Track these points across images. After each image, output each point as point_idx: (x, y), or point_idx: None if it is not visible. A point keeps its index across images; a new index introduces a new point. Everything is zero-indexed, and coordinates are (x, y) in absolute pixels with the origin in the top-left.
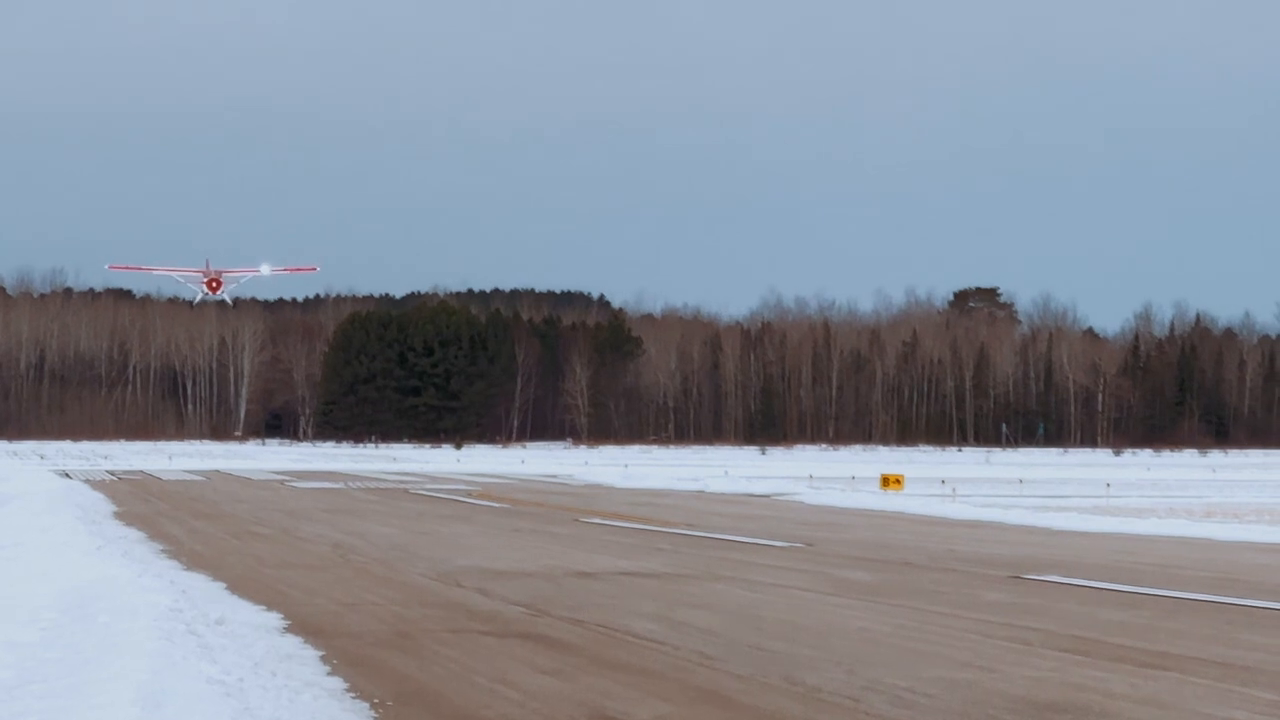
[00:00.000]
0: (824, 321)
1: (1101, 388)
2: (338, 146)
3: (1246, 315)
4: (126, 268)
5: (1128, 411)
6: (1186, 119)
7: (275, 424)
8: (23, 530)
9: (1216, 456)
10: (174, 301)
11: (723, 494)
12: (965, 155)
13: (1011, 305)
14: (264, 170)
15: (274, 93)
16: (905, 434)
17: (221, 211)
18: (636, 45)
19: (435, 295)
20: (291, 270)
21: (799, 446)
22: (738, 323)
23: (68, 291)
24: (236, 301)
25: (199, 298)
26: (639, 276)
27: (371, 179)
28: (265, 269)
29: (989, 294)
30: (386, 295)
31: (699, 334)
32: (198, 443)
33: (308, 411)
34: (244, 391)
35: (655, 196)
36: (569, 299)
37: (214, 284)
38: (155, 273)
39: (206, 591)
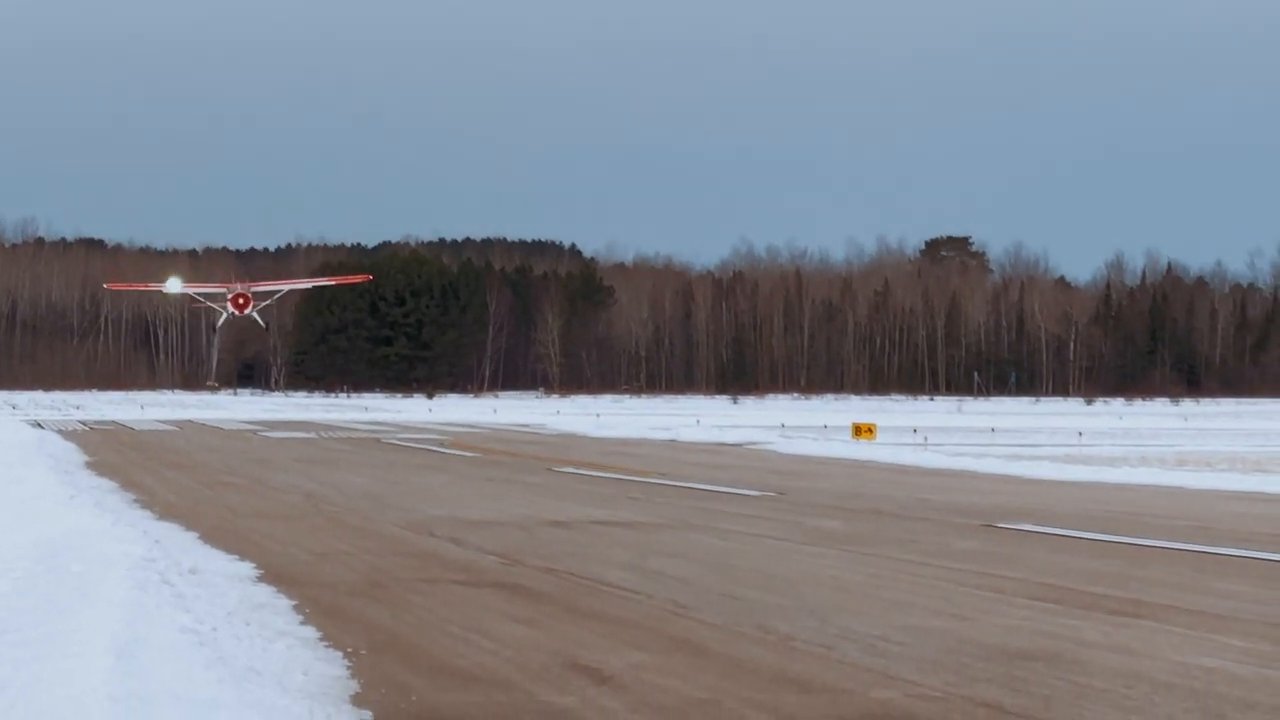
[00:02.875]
0: (796, 270)
1: (1073, 336)
2: (308, 95)
3: (1218, 264)
4: (127, 286)
5: (1099, 360)
6: (1158, 67)
7: (247, 374)
8: None
9: (1188, 405)
10: (146, 251)
11: (695, 443)
12: (937, 103)
13: (983, 254)
14: (239, 117)
15: (245, 33)
16: (877, 383)
17: (193, 165)
18: None
19: (407, 245)
20: (339, 281)
21: (771, 396)
22: (709, 272)
23: (39, 241)
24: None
25: (223, 319)
26: (611, 226)
27: (342, 128)
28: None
29: (961, 243)
30: (358, 245)
31: (671, 283)
32: (170, 393)
33: (279, 362)
34: (216, 341)
35: (626, 145)
36: (541, 248)
37: (241, 301)
38: (170, 293)
39: (179, 541)
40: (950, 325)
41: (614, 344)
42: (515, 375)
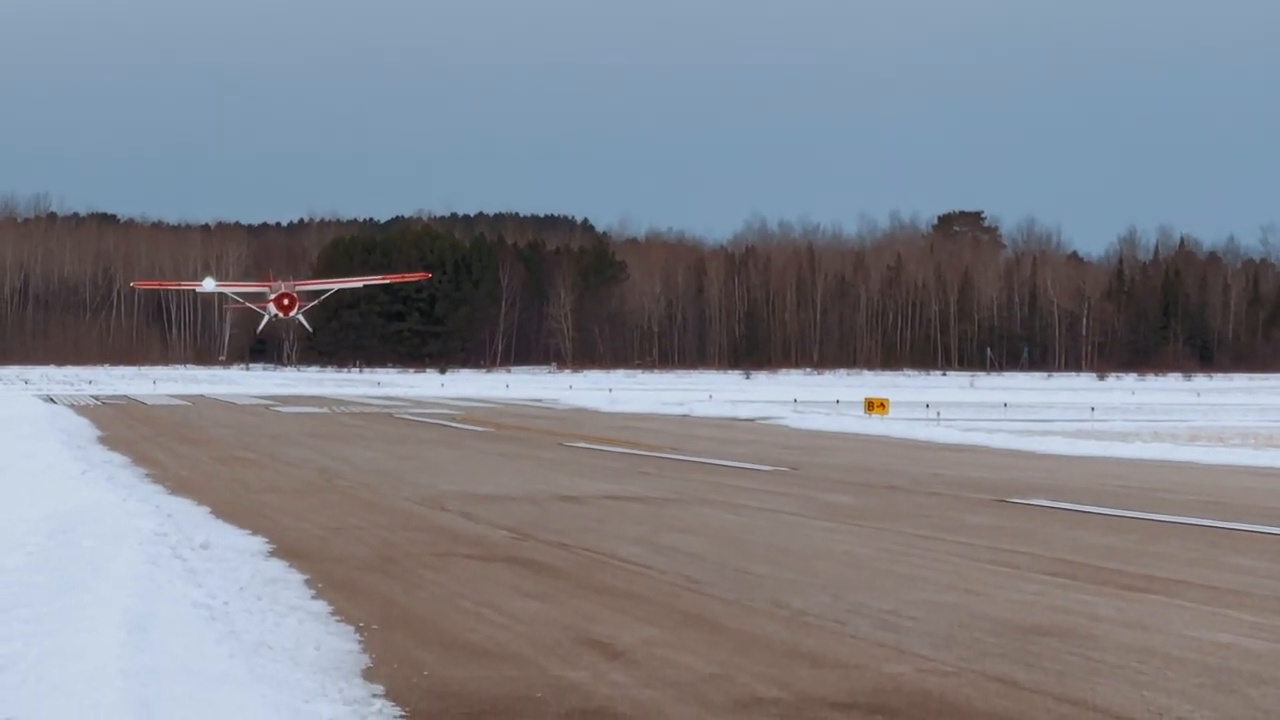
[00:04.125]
0: (808, 245)
1: (1086, 312)
2: (321, 70)
3: (1231, 239)
4: (157, 284)
5: (1112, 335)
6: (1171, 41)
7: (259, 349)
8: (7, 455)
9: (1201, 380)
10: (158, 226)
11: (707, 418)
12: (950, 78)
13: (996, 229)
14: (252, 92)
15: (258, 8)
16: (890, 358)
17: (206, 140)
18: None
19: (419, 219)
20: (395, 280)
21: (783, 371)
22: (722, 247)
23: (52, 216)
24: (220, 226)
25: (265, 321)
26: (623, 200)
27: (356, 104)
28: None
29: (973, 218)
30: (370, 219)
31: (683, 258)
32: (182, 368)
33: (292, 336)
34: (228, 316)
35: (639, 120)
36: (553, 223)
37: (286, 302)
38: (205, 292)
39: (191, 516)
40: (963, 300)
41: (626, 319)
42: (528, 350)
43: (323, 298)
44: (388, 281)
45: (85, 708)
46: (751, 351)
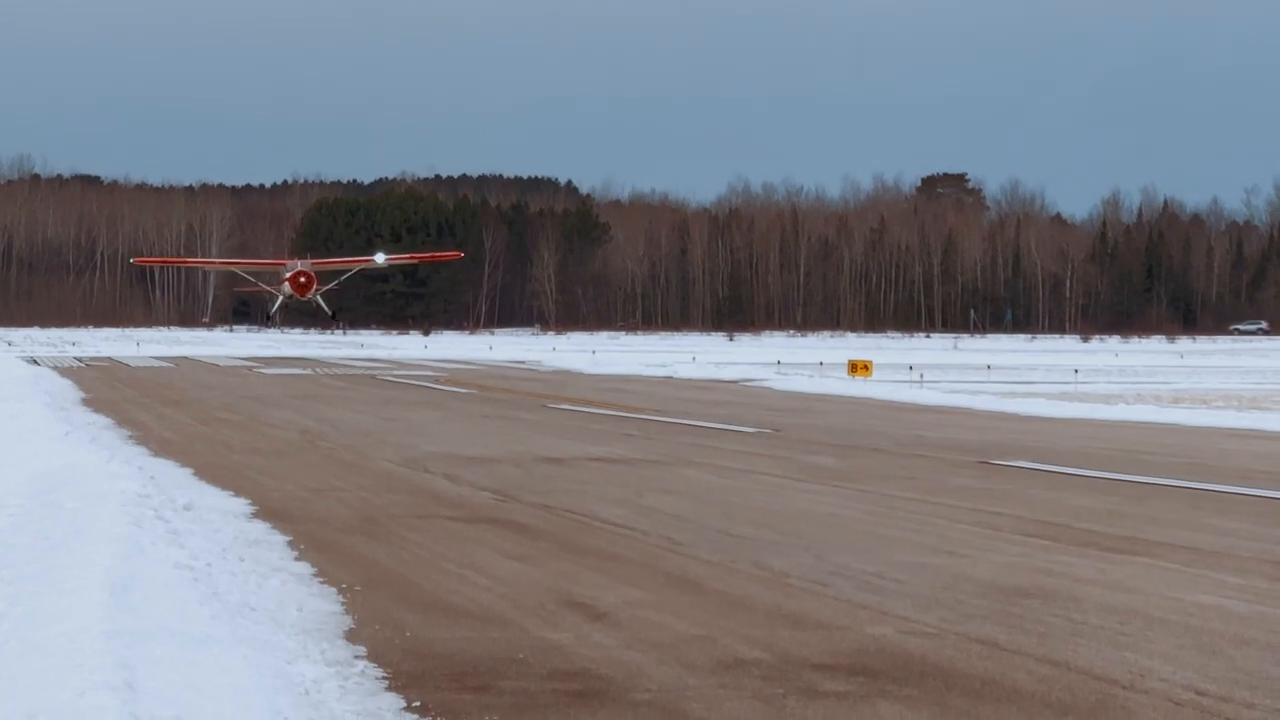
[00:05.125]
0: (792, 208)
1: (1069, 274)
2: (303, 31)
3: (1214, 201)
4: (154, 261)
5: (1095, 298)
6: (1156, 4)
7: (243, 310)
8: None
9: (1184, 343)
10: (141, 188)
11: (691, 380)
12: (934, 41)
13: (980, 191)
14: (235, 54)
15: None
16: (873, 320)
17: (189, 101)
18: None
19: (403, 181)
20: (427, 259)
21: (767, 333)
22: (705, 209)
23: (35, 178)
24: (204, 189)
25: (278, 302)
26: (607, 162)
27: (340, 67)
28: (380, 259)
29: (957, 180)
30: (354, 181)
31: (667, 220)
32: (166, 329)
33: (276, 298)
34: (211, 278)
35: (623, 81)
36: (536, 185)
37: (304, 280)
38: (211, 266)
39: (174, 477)
40: (946, 262)
41: (610, 281)
42: (511, 312)
43: (345, 277)
44: (415, 261)
45: (68, 668)
46: (735, 314)
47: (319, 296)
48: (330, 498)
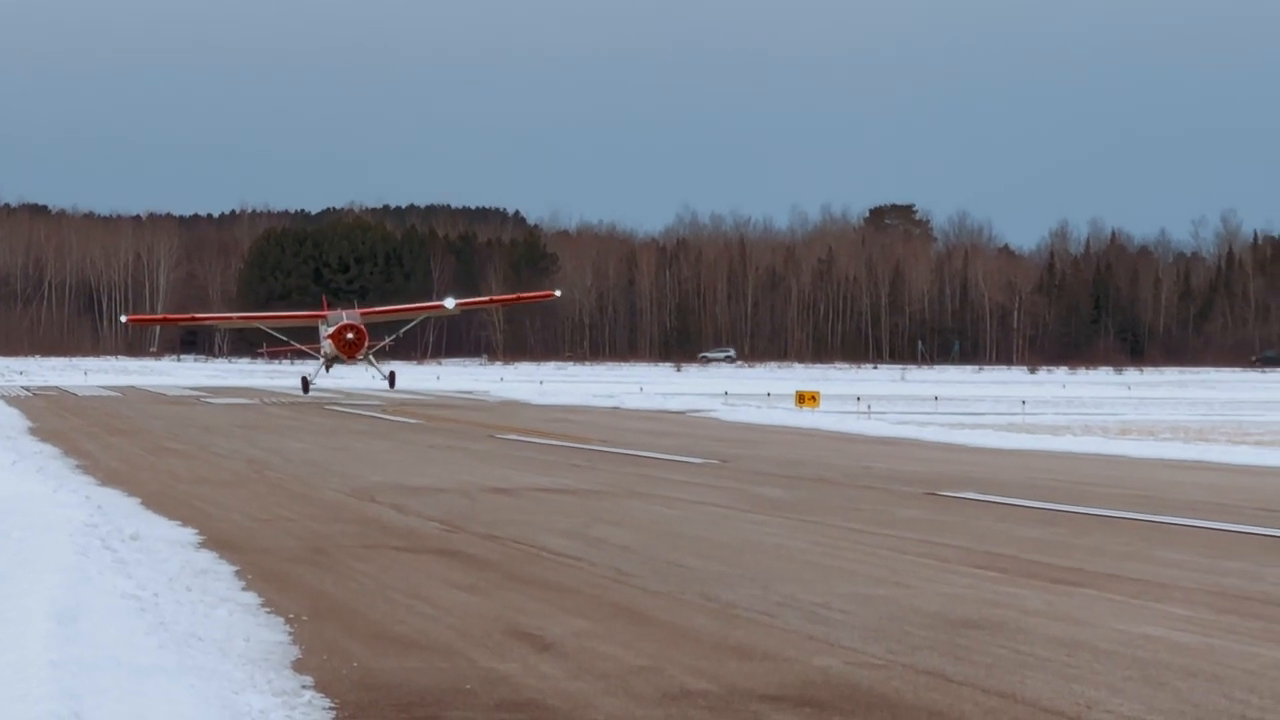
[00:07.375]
0: (740, 238)
1: (1017, 305)
2: (252, 61)
3: (1162, 233)
4: (153, 320)
5: (1043, 329)
6: (1102, 34)
7: (191, 340)
8: None
9: (1131, 374)
10: (90, 218)
11: (638, 410)
12: (880, 71)
13: (927, 222)
14: (184, 83)
15: (185, 9)
16: (821, 351)
17: (137, 131)
18: None
19: (351, 211)
20: (516, 299)
21: (714, 364)
22: (653, 239)
23: None
24: (152, 218)
25: (319, 368)
26: (555, 193)
27: (287, 96)
28: (450, 303)
29: (905, 211)
30: (302, 211)
31: (615, 251)
32: (113, 359)
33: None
34: (159, 308)
35: (570, 112)
36: (485, 215)
37: (352, 336)
38: (226, 324)
39: (121, 507)
40: (894, 293)
41: (557, 311)
42: (458, 342)
43: (404, 330)
44: (498, 305)
45: (13, 699)
46: (682, 344)
47: (371, 355)
48: (277, 527)
